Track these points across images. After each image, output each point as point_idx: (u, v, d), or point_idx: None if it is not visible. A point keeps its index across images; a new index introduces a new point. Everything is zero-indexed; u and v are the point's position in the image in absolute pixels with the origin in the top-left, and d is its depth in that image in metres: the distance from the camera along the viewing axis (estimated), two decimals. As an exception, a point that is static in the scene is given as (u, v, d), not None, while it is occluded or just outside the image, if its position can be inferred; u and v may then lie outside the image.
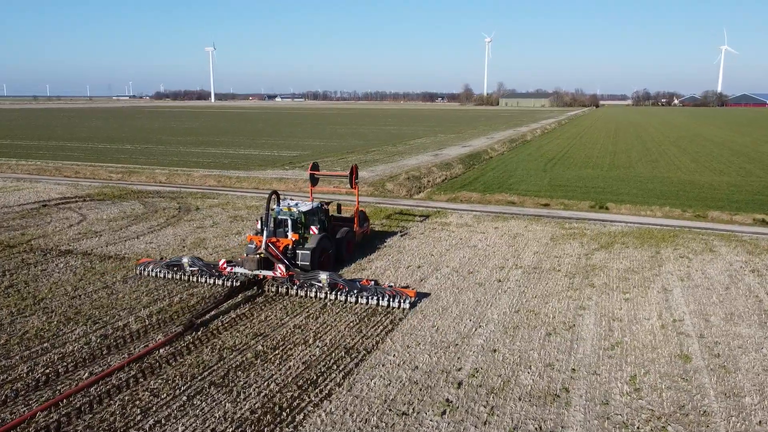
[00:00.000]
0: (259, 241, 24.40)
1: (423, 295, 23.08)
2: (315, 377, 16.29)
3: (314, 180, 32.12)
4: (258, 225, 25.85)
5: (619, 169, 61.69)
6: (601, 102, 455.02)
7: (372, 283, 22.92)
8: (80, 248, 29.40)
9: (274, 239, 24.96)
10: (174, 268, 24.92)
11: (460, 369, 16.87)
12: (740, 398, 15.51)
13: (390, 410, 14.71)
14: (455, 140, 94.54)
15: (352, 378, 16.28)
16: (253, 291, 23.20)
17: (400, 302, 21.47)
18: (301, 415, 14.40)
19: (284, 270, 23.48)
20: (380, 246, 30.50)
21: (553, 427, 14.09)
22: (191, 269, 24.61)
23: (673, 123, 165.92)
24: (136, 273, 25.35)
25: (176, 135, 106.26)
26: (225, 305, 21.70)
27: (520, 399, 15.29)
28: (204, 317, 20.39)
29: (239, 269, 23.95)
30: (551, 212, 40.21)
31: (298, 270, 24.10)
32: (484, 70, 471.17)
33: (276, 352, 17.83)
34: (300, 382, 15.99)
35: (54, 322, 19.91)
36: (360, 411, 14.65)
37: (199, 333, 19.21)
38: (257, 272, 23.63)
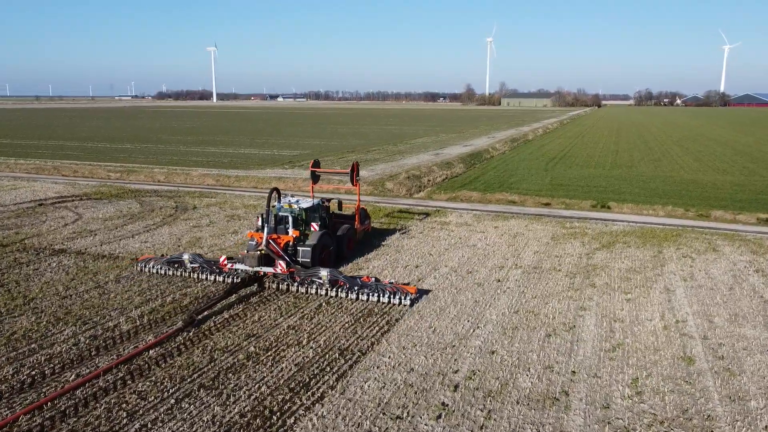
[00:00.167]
0: (260, 238, 24.25)
1: (424, 292, 22.89)
2: (307, 379, 15.86)
3: (315, 177, 31.97)
4: (259, 222, 25.67)
5: (621, 169, 61.17)
6: (604, 102, 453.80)
7: (372, 280, 22.80)
8: (74, 247, 29.01)
9: (275, 236, 24.76)
10: (175, 265, 24.85)
11: (457, 371, 16.42)
12: (745, 402, 15.03)
13: (384, 414, 14.27)
14: (456, 139, 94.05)
15: (346, 380, 15.84)
16: (249, 290, 22.79)
17: (401, 299, 21.34)
18: (292, 419, 13.96)
19: (285, 266, 23.35)
20: (378, 245, 30.06)
21: (552, 432, 13.65)
22: (192, 266, 24.56)
23: (676, 122, 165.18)
24: (137, 270, 25.24)
25: (176, 134, 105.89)
26: (225, 301, 21.59)
27: (518, 402, 14.84)
28: (204, 313, 20.25)
29: (240, 266, 23.81)
30: (552, 211, 39.73)
31: (299, 267, 23.89)
32: (486, 70, 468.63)
33: (268, 354, 17.41)
34: (292, 385, 15.55)
35: (43, 323, 19.51)
36: (353, 415, 14.21)
37: (191, 333, 18.80)
38: (258, 269, 23.43)
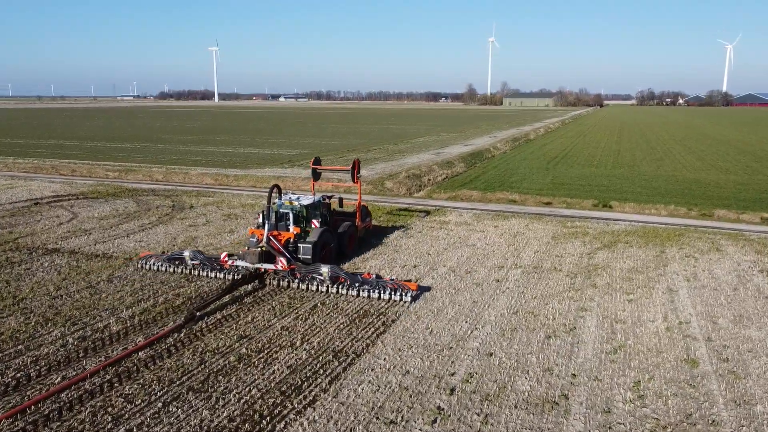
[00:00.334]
0: (261, 235, 24.16)
1: (425, 289, 22.77)
2: (300, 382, 15.41)
3: (316, 174, 31.84)
4: (260, 219, 25.54)
5: (623, 168, 60.64)
6: (605, 102, 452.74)
7: (373, 277, 22.67)
8: (67, 247, 28.60)
9: (276, 232, 24.64)
10: (175, 262, 24.70)
11: (454, 374, 15.96)
12: (751, 406, 14.55)
13: (377, 418, 13.82)
14: (457, 139, 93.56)
15: (339, 383, 15.39)
16: (243, 290, 22.38)
17: (402, 295, 21.26)
18: (282, 424, 13.51)
19: (286, 263, 23.24)
20: (376, 244, 29.61)
21: (551, 437, 13.19)
22: (192, 263, 24.45)
23: (678, 122, 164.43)
24: (137, 266, 25.05)
25: (176, 134, 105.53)
26: (226, 297, 21.53)
27: (516, 406, 14.38)
28: (204, 309, 20.13)
29: (241, 263, 23.70)
30: (553, 211, 39.24)
31: (300, 263, 23.78)
32: (488, 70, 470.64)
33: (260, 356, 16.96)
34: (283, 388, 15.11)
35: (32, 323, 19.09)
36: (345, 419, 13.76)
37: (182, 335, 18.38)
38: (258, 266, 23.34)
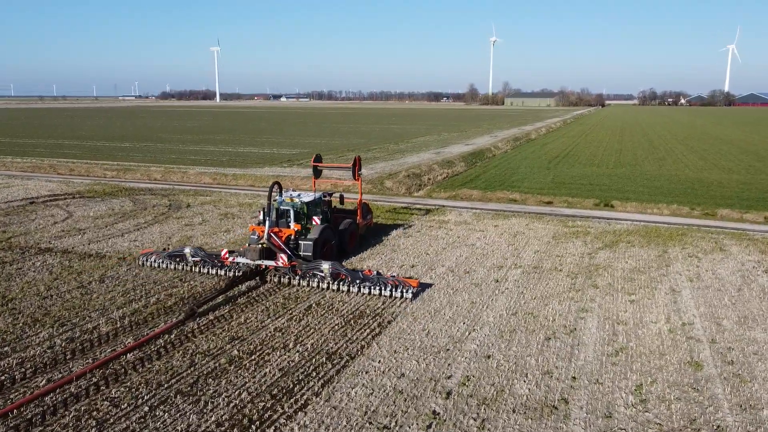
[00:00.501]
0: (262, 231, 24.07)
1: (426, 286, 22.66)
2: (291, 386, 14.97)
3: (317, 172, 31.69)
4: (260, 216, 25.45)
5: (625, 167, 60.12)
6: (607, 102, 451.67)
7: (374, 273, 22.47)
8: (61, 246, 28.19)
9: (276, 229, 24.50)
10: (176, 259, 24.63)
11: (450, 377, 15.51)
12: (757, 411, 14.07)
13: (370, 423, 13.37)
14: (458, 138, 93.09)
15: (332, 386, 14.95)
16: (237, 291, 21.96)
17: (403, 292, 21.19)
18: (272, 429, 13.06)
19: (286, 260, 23.13)
20: (374, 244, 29.17)
21: (550, 443, 12.74)
22: (193, 259, 24.33)
23: (680, 122, 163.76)
24: (139, 263, 25.01)
25: (177, 133, 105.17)
26: (219, 298, 21.27)
27: (514, 411, 13.92)
28: (205, 306, 20.04)
29: (241, 259, 23.56)
30: (554, 210, 38.76)
31: (301, 260, 23.63)
32: (490, 70, 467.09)
33: (252, 358, 16.52)
34: (274, 391, 14.66)
35: (19, 324, 18.67)
36: (337, 424, 13.32)
37: (173, 336, 17.95)
38: (259, 262, 23.21)
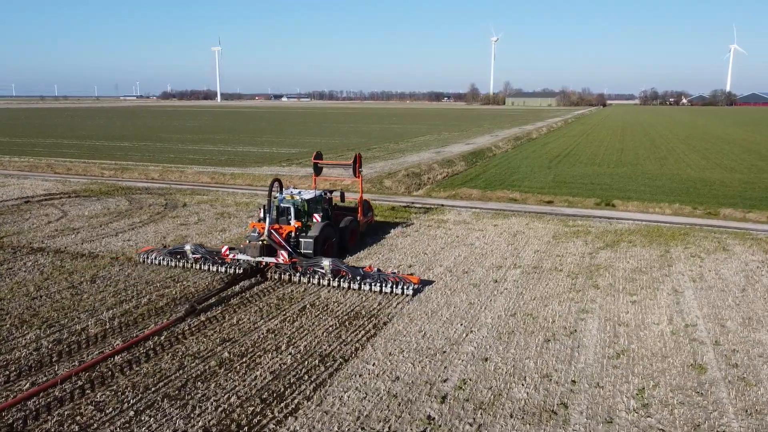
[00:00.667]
0: (262, 228, 23.89)
1: (427, 283, 22.64)
2: (282, 389, 14.53)
3: (317, 169, 31.50)
4: (261, 213, 25.31)
5: (627, 166, 59.63)
6: (609, 101, 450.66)
7: (375, 270, 22.33)
8: (53, 246, 27.77)
9: (277, 226, 24.33)
10: (177, 256, 24.61)
11: (446, 380, 15.06)
12: (763, 416, 13.60)
13: (363, 428, 12.92)
14: (459, 138, 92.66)
15: (324, 390, 14.51)
16: (231, 291, 21.53)
17: (404, 289, 21.20)
18: (261, 434, 12.65)
19: (287, 256, 22.98)
20: (371, 243, 28.72)
21: (549, 450, 12.29)
22: (194, 256, 24.29)
23: (682, 121, 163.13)
24: (139, 261, 24.97)
25: (176, 132, 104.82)
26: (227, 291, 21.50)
27: (512, 416, 13.47)
28: (205, 303, 20.01)
29: (242, 256, 23.41)
30: (554, 209, 38.29)
31: (301, 257, 23.48)
32: (491, 70, 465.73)
33: (243, 360, 16.08)
34: (264, 395, 14.23)
35: (6, 326, 18.24)
36: (328, 429, 12.87)
37: (162, 338, 17.52)
38: (260, 259, 23.05)
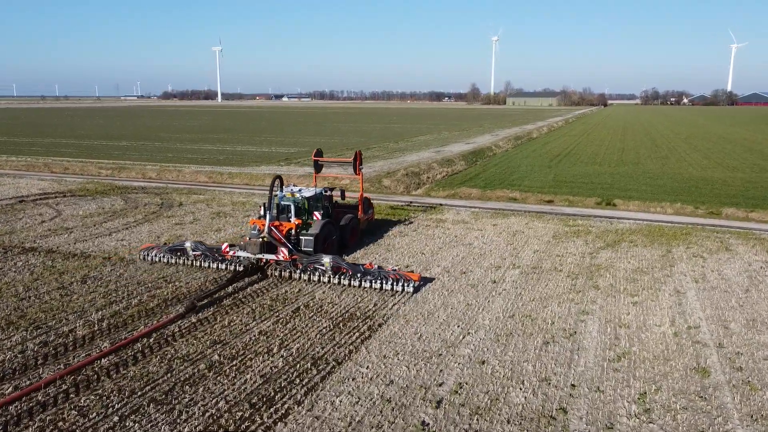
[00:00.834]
0: (262, 225, 23.80)
1: (428, 280, 22.62)
2: (272, 393, 14.09)
3: (318, 167, 31.30)
4: (261, 210, 25.19)
5: (628, 166, 59.18)
6: (610, 101, 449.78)
7: (375, 267, 22.35)
8: (45, 245, 27.36)
9: (277, 223, 24.19)
10: (177, 253, 24.60)
11: (442, 384, 14.62)
12: (769, 421, 13.17)
13: (354, 434, 12.50)
14: (459, 137, 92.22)
15: (316, 394, 14.07)
16: (223, 292, 21.12)
17: (404, 286, 21.17)
18: (249, 441, 12.23)
19: (287, 253, 22.88)
20: (368, 243, 28.29)
21: (547, 457, 11.85)
22: (194, 253, 24.30)
23: (683, 121, 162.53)
24: (140, 258, 24.98)
25: (175, 132, 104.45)
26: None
27: (509, 421, 13.03)
28: (205, 300, 19.96)
29: (242, 253, 23.27)
30: (554, 209, 37.84)
31: (302, 254, 23.37)
32: (491, 70, 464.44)
33: (233, 363, 15.65)
34: (254, 400, 13.79)
35: (-8, 327, 17.85)
36: (319, 435, 12.45)
37: (151, 340, 17.09)
38: (260, 256, 22.92)
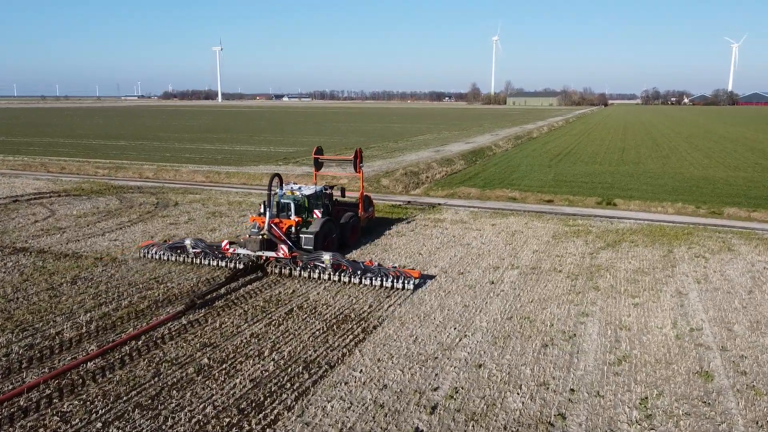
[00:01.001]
0: (262, 222, 23.67)
1: (429, 277, 22.52)
2: (262, 398, 13.67)
3: (318, 164, 31.09)
4: (261, 208, 25.00)
5: (628, 165, 58.73)
6: (610, 101, 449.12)
7: (375, 264, 22.34)
8: (37, 246, 26.95)
9: (277, 220, 24.03)
10: (177, 251, 24.56)
11: (437, 389, 14.19)
12: (775, 428, 12.74)
13: (346, 442, 12.08)
14: (459, 137, 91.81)
15: (306, 399, 13.64)
16: (217, 294, 20.70)
17: (404, 283, 21.13)
18: (235, 448, 11.80)
19: (287, 250, 22.70)
20: (364, 243, 27.85)
21: (545, 465, 11.43)
22: (194, 251, 24.24)
23: (684, 120, 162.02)
24: (140, 256, 24.97)
25: (174, 132, 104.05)
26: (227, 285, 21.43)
27: (506, 428, 12.59)
28: (205, 298, 19.89)
29: (242, 250, 23.38)
30: (554, 208, 37.40)
31: (302, 251, 23.19)
32: (492, 70, 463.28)
33: (222, 367, 15.22)
34: (242, 405, 13.37)
35: (-22, 330, 17.44)
36: (309, 442, 12.03)
37: (140, 342, 16.68)
38: (260, 253, 22.81)
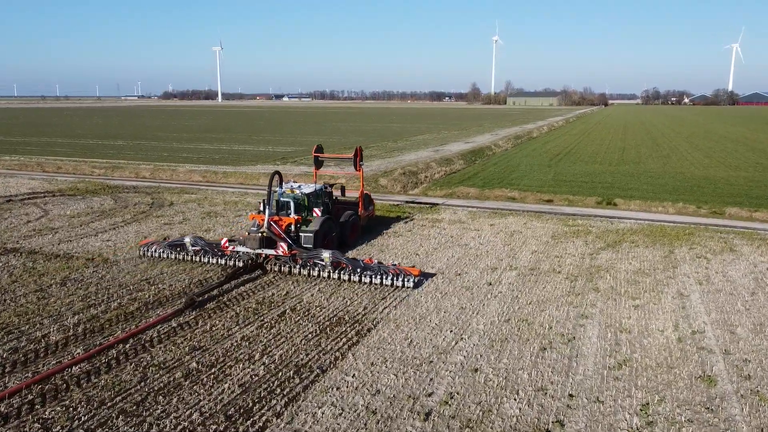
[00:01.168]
0: (262, 220, 23.56)
1: (429, 275, 22.50)
2: (250, 404, 13.25)
3: (318, 163, 30.83)
4: (261, 206, 24.80)
5: (629, 165, 58.30)
6: (610, 101, 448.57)
7: (375, 262, 22.17)
8: (28, 246, 26.54)
9: (277, 218, 23.88)
10: (177, 249, 24.59)
11: (432, 394, 13.77)
12: (780, 435, 12.31)
13: (336, 450, 11.66)
14: (459, 137, 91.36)
15: (296, 405, 13.22)
16: (209, 295, 20.29)
17: (404, 281, 21.05)
18: (221, 457, 11.38)
19: (287, 248, 22.61)
20: (360, 243, 27.43)
21: (542, 475, 11.00)
22: (193, 249, 24.22)
23: (684, 120, 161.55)
24: (139, 254, 24.89)
25: (173, 131, 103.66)
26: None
27: (502, 435, 12.18)
28: (204, 296, 19.91)
29: (241, 248, 23.35)
30: (554, 208, 36.98)
31: (301, 249, 23.04)
32: (492, 70, 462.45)
33: (211, 371, 14.80)
34: (230, 411, 12.95)
35: (-38, 332, 17.02)
36: (297, 451, 11.61)
37: (128, 346, 16.26)
38: (259, 251, 22.68)
